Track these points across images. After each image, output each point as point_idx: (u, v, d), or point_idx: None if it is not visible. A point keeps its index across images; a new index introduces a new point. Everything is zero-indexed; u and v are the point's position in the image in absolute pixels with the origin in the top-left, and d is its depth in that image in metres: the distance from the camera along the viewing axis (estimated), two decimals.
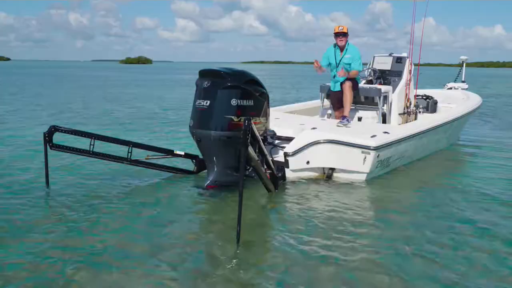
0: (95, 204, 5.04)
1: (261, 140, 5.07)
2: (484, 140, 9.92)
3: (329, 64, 7.36)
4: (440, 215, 4.96)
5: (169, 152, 6.23)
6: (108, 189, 5.61)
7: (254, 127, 4.53)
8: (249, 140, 4.26)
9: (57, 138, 5.55)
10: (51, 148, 5.48)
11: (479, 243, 4.20)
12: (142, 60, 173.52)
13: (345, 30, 7.10)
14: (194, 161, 6.36)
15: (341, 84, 7.25)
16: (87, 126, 10.13)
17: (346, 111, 7.09)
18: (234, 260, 3.76)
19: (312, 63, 7.26)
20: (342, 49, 7.20)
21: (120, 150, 6.03)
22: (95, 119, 12.22)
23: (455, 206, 5.25)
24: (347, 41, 7.18)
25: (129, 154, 5.87)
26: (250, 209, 4.91)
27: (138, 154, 6.09)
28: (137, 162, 5.99)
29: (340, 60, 7.20)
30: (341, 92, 7.24)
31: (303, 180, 6.07)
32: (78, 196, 5.30)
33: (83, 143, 5.85)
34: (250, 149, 4.41)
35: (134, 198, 5.32)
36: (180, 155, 6.27)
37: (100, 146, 5.98)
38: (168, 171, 6.21)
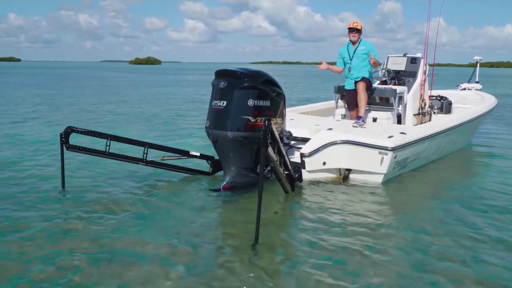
0: (110, 204, 5.04)
1: (280, 141, 5.03)
2: (500, 140, 9.82)
3: (343, 60, 7.34)
4: (457, 217, 4.89)
5: (185, 153, 6.21)
6: (123, 190, 5.61)
7: (274, 128, 4.50)
8: (269, 141, 4.24)
9: (73, 138, 5.57)
10: (67, 149, 5.49)
11: (497, 246, 4.14)
12: (151, 61, 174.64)
13: (359, 27, 7.15)
14: (209, 162, 6.33)
15: (355, 83, 7.21)
16: (102, 127, 10.15)
17: (361, 112, 7.04)
18: (253, 261, 3.73)
19: (320, 63, 7.26)
20: (354, 43, 7.23)
21: (136, 151, 6.03)
22: (110, 120, 12.26)
23: (473, 209, 5.17)
24: (359, 37, 7.20)
25: (145, 155, 5.87)
26: (267, 210, 4.87)
27: (154, 155, 6.09)
28: (152, 163, 5.98)
29: (354, 52, 7.19)
30: (356, 91, 7.19)
31: (320, 181, 6.03)
32: (93, 197, 5.30)
33: (99, 144, 5.88)
34: (270, 150, 4.37)
35: (149, 199, 5.31)
36: (195, 156, 6.25)
37: (116, 147, 6.00)
38: (183, 172, 6.20)
